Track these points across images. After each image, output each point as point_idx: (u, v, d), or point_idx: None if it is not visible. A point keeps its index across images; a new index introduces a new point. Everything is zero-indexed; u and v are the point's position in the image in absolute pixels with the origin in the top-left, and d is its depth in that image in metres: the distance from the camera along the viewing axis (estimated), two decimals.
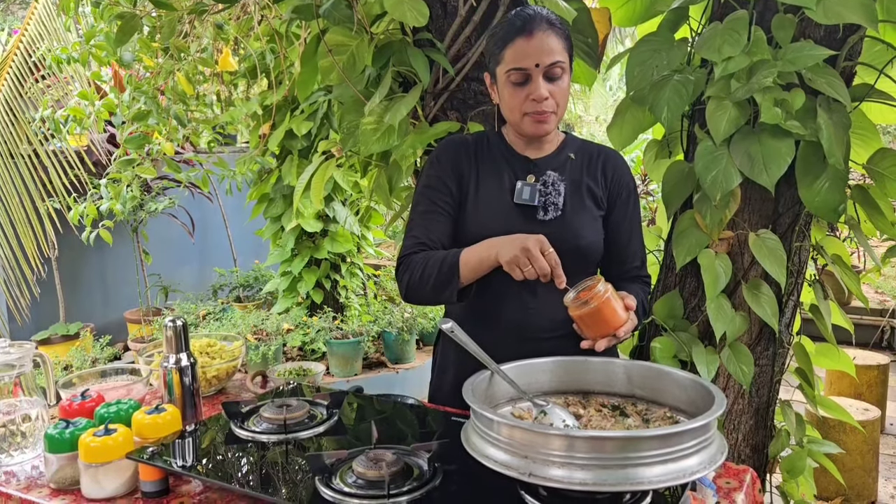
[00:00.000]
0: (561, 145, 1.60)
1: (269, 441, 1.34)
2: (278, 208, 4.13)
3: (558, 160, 1.58)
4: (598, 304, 1.30)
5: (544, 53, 1.42)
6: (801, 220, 1.96)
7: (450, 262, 1.42)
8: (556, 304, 1.50)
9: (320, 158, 2.34)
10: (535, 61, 1.42)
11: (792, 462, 2.10)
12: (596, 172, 1.58)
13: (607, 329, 1.32)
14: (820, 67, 1.75)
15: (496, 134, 1.64)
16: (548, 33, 1.42)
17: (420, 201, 1.58)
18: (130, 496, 1.26)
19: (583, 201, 1.55)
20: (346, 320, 4.15)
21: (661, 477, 0.93)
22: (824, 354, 2.21)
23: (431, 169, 1.60)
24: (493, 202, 1.54)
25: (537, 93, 1.43)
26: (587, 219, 1.54)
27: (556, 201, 1.51)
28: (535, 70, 1.43)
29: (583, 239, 1.52)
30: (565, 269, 1.49)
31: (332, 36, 1.97)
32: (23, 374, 1.48)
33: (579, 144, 1.63)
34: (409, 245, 1.54)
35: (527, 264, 1.30)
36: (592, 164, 1.59)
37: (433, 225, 1.54)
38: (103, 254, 4.88)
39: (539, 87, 1.43)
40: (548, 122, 1.48)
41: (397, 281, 1.55)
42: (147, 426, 1.34)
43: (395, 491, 1.10)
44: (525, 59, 1.42)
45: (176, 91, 3.03)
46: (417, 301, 1.55)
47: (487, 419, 1.03)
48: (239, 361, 1.84)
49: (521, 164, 1.57)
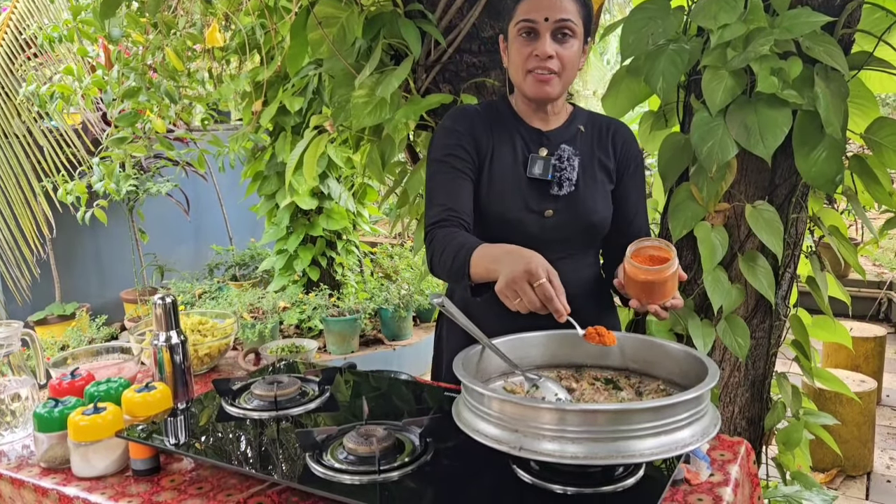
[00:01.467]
0: (570, 117, 1.57)
1: (261, 418, 1.33)
2: (272, 185, 4.10)
3: (569, 132, 1.54)
4: (670, 274, 1.22)
5: (555, 9, 1.38)
6: (798, 192, 1.94)
7: (462, 258, 1.34)
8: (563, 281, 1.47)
9: (312, 134, 2.31)
10: (546, 14, 1.38)
11: (788, 434, 2.10)
12: (606, 145, 1.55)
13: (661, 298, 1.23)
14: (818, 35, 1.71)
15: (504, 103, 1.59)
16: None
17: (439, 169, 1.51)
18: (121, 474, 1.25)
19: (595, 175, 1.52)
20: (343, 298, 4.14)
21: (654, 449, 0.92)
22: (821, 326, 2.20)
23: (448, 137, 1.52)
24: (507, 175, 1.50)
25: (542, 49, 1.39)
26: (600, 194, 1.51)
27: (570, 176, 1.48)
28: (544, 25, 1.39)
29: (595, 214, 1.50)
30: (575, 244, 1.51)
31: (321, 8, 1.93)
32: (11, 353, 1.46)
33: (588, 116, 1.59)
34: (436, 213, 1.47)
35: (516, 297, 1.19)
36: (602, 136, 1.55)
37: (459, 192, 1.48)
38: (99, 234, 4.86)
39: (545, 44, 1.39)
40: (550, 83, 1.43)
41: (426, 251, 1.49)
42: (137, 404, 1.33)
43: (385, 466, 1.09)
44: (535, 11, 1.39)
45: (166, 67, 2.99)
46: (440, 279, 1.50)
47: (478, 393, 1.02)
48: (231, 339, 1.82)
49: (532, 136, 1.53)
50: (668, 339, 1.93)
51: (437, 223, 1.46)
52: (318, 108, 3.42)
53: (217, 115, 4.51)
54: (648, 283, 1.23)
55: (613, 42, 6.48)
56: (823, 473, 3.05)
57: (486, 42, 2.05)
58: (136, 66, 2.79)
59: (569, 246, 1.51)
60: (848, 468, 3.09)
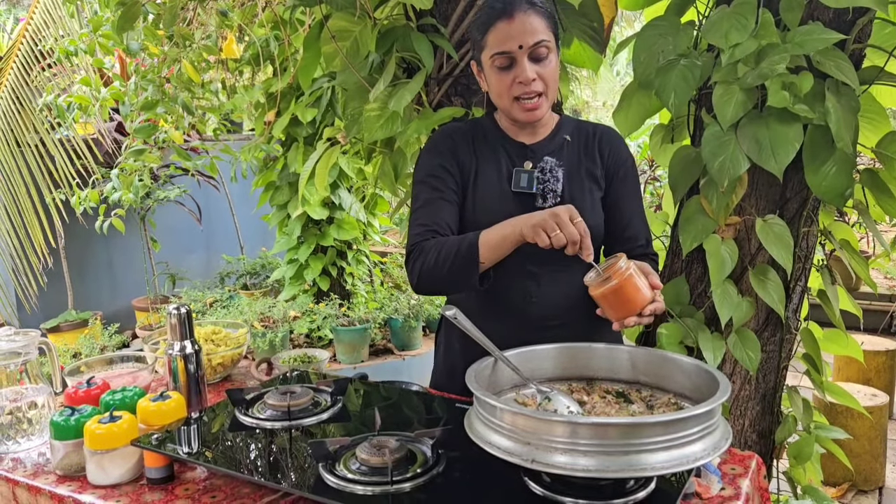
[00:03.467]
0: (556, 128, 1.57)
1: (273, 428, 1.34)
2: (284, 196, 4.13)
3: (554, 143, 1.54)
4: (620, 282, 1.22)
5: (527, 34, 1.38)
6: (809, 205, 1.94)
7: (469, 241, 1.36)
8: (558, 292, 1.49)
9: (325, 145, 2.33)
10: (519, 43, 1.38)
11: (799, 448, 2.10)
12: (594, 152, 1.54)
13: (631, 308, 1.23)
14: (829, 50, 1.72)
15: (489, 119, 1.61)
16: (529, 13, 1.38)
17: (422, 190, 1.52)
18: (136, 483, 1.26)
19: (582, 184, 1.51)
20: (353, 307, 4.15)
21: (665, 463, 0.93)
22: (832, 340, 2.19)
23: (431, 157, 1.55)
24: (491, 190, 1.51)
25: (524, 75, 1.39)
26: (588, 203, 1.51)
27: (554, 188, 1.48)
28: (520, 52, 1.39)
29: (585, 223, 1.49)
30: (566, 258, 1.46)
31: (335, 21, 1.96)
32: (28, 361, 1.48)
33: (575, 125, 1.59)
34: (418, 233, 1.48)
35: (555, 228, 1.24)
36: (589, 144, 1.55)
37: (440, 212, 1.49)
38: (111, 242, 4.90)
39: (525, 70, 1.39)
40: (539, 107, 1.44)
41: (407, 271, 1.49)
42: (152, 413, 1.35)
43: (398, 477, 1.10)
44: (508, 41, 1.39)
45: (182, 79, 3.03)
46: (430, 289, 1.50)
47: (490, 406, 1.03)
48: (244, 349, 1.84)
49: (517, 151, 1.53)
50: (679, 351, 1.93)
51: (419, 240, 1.47)
52: (330, 119, 3.44)
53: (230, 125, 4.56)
54: (609, 297, 1.24)
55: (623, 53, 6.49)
56: (835, 488, 3.03)
57: None
58: (154, 79, 2.83)
59: (560, 258, 1.46)
60: (860, 483, 3.07)
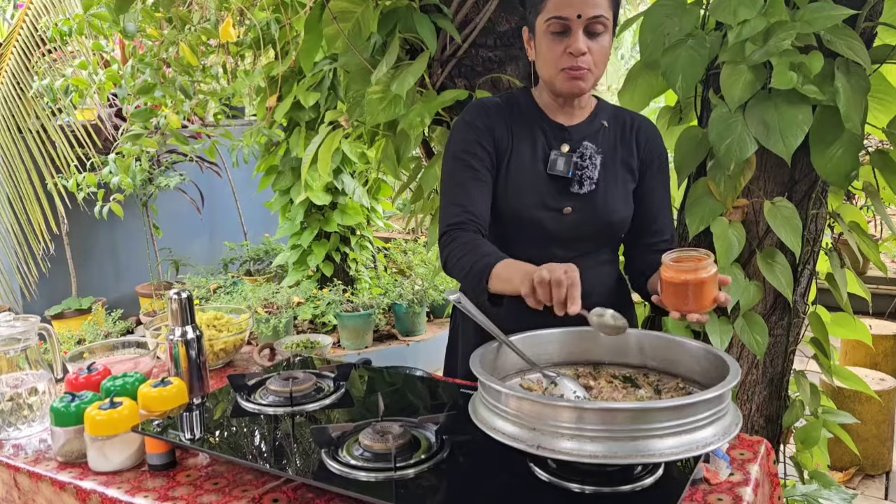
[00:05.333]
0: (594, 111, 1.52)
1: (276, 414, 1.33)
2: (287, 181, 4.10)
3: (592, 128, 1.50)
4: (709, 277, 1.17)
5: (588, 5, 1.33)
6: (818, 188, 1.91)
7: (482, 265, 1.33)
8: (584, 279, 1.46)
9: (327, 129, 2.31)
10: (578, 11, 1.33)
11: (806, 432, 2.08)
12: (630, 142, 1.51)
13: (703, 305, 1.18)
14: (839, 28, 1.69)
15: (526, 95, 1.54)
16: None
17: (456, 168, 1.47)
18: (137, 469, 1.25)
19: (617, 174, 1.48)
20: (357, 293, 4.14)
21: (674, 449, 0.91)
22: (840, 324, 2.17)
23: (467, 132, 1.49)
24: (525, 171, 1.47)
25: (575, 45, 1.35)
26: (620, 193, 1.48)
27: (591, 175, 1.45)
28: (577, 21, 1.34)
29: (615, 214, 1.47)
30: (592, 242, 1.48)
31: (336, 3, 1.93)
32: (28, 347, 1.47)
33: (612, 111, 1.55)
34: (453, 214, 1.44)
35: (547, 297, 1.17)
36: (626, 133, 1.51)
37: (475, 194, 1.45)
38: (114, 228, 4.88)
39: (578, 41, 1.34)
40: (584, 79, 1.39)
41: (440, 250, 1.47)
42: (153, 399, 1.34)
43: (402, 463, 1.08)
44: (567, 7, 1.34)
45: (181, 63, 2.99)
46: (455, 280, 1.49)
47: (495, 391, 1.01)
48: (246, 334, 1.83)
49: (554, 132, 1.49)
50: (685, 336, 1.91)
51: (454, 225, 1.44)
52: (333, 103, 3.41)
53: (231, 110, 4.52)
54: (684, 287, 1.17)
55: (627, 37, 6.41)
56: (842, 472, 3.02)
57: (502, 36, 2.04)
58: (151, 62, 2.80)
59: (586, 244, 1.49)
60: (867, 467, 3.05)
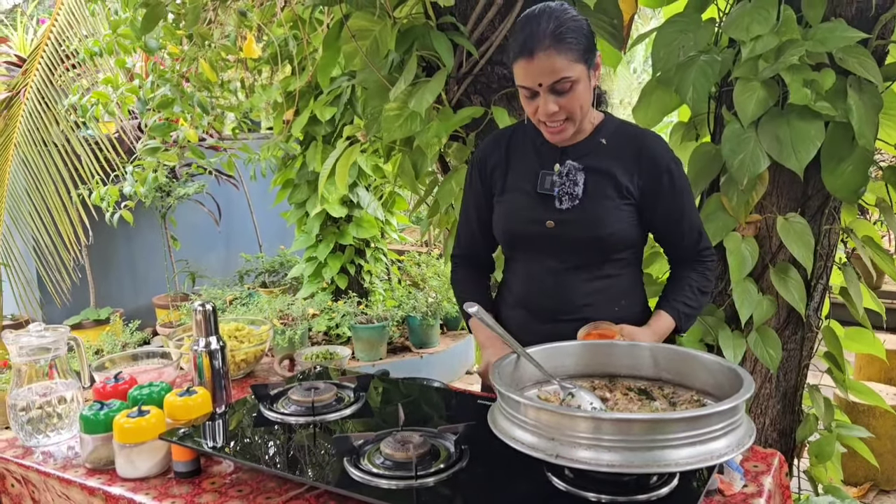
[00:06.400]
0: (595, 130, 1.55)
1: (298, 423, 1.36)
2: (303, 194, 4.16)
3: (588, 146, 1.54)
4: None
5: (545, 74, 1.38)
6: (831, 204, 1.93)
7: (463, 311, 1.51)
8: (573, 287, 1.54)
9: (345, 144, 2.35)
10: (539, 81, 1.40)
11: (820, 446, 2.09)
12: (627, 159, 1.51)
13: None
14: (851, 47, 1.71)
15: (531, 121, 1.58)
16: (550, 52, 1.37)
17: (463, 199, 1.73)
18: (164, 476, 1.29)
19: (604, 189, 1.50)
20: (371, 305, 4.18)
21: (689, 459, 0.93)
22: (854, 338, 2.18)
23: (470, 168, 1.69)
24: (519, 190, 1.57)
25: (543, 109, 1.42)
26: (608, 208, 1.50)
27: (571, 191, 1.50)
28: (541, 88, 1.41)
29: (603, 229, 1.49)
30: (586, 258, 1.54)
31: (355, 21, 1.97)
32: (58, 357, 1.51)
33: (615, 128, 1.56)
34: (457, 245, 1.75)
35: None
36: (625, 150, 1.52)
37: (467, 229, 1.71)
38: (133, 240, 4.95)
39: (546, 104, 1.41)
40: (563, 130, 1.46)
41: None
42: (179, 408, 1.37)
43: (422, 472, 1.11)
44: (528, 78, 1.41)
45: (200, 78, 3.05)
46: None
47: (514, 402, 1.03)
48: (266, 345, 1.86)
49: (549, 154, 1.55)
50: (699, 349, 1.93)
51: (454, 256, 1.76)
52: (349, 118, 3.46)
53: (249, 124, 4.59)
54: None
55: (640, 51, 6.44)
56: (857, 487, 3.00)
57: None
58: (171, 78, 2.86)
59: (576, 257, 1.53)
60: (881, 482, 3.04)
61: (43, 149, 4.22)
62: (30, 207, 4.25)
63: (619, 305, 1.54)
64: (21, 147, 4.19)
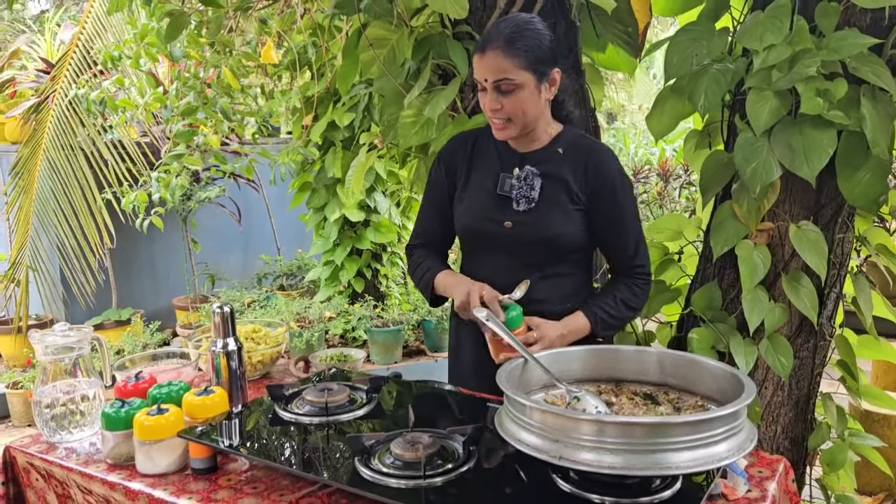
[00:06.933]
0: (553, 139, 1.67)
1: (312, 423, 1.40)
2: (321, 199, 4.20)
3: (545, 154, 1.66)
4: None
5: (490, 71, 1.52)
6: (845, 212, 1.93)
7: (427, 280, 1.73)
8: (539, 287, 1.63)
9: (364, 150, 2.39)
10: (485, 76, 1.54)
11: (832, 455, 2.08)
12: (578, 169, 1.64)
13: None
14: (865, 56, 1.72)
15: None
16: (497, 53, 1.51)
17: (424, 194, 1.84)
18: (181, 472, 1.33)
19: (558, 195, 1.63)
20: (387, 309, 4.21)
21: (690, 462, 0.95)
22: (868, 346, 2.17)
23: (436, 164, 1.80)
24: (478, 192, 1.70)
25: (487, 104, 1.57)
26: (559, 212, 1.62)
27: (528, 194, 1.62)
28: (486, 84, 1.55)
29: (552, 230, 1.62)
30: (540, 258, 1.66)
31: (372, 30, 2.01)
32: (81, 356, 1.56)
33: (573, 139, 1.68)
34: (413, 236, 1.86)
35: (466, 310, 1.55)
36: (578, 160, 1.64)
37: (427, 221, 1.83)
38: (154, 242, 5.04)
39: (490, 100, 1.56)
40: (504, 129, 1.59)
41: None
42: (197, 407, 1.41)
43: (430, 472, 1.14)
44: (477, 72, 1.56)
45: (221, 85, 3.12)
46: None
47: (520, 404, 1.06)
48: (283, 347, 1.90)
49: (510, 158, 1.68)
50: (710, 356, 1.94)
51: (410, 246, 1.86)
52: (367, 124, 3.50)
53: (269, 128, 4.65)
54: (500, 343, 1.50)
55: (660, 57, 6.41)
56: (871, 497, 2.98)
57: None
58: (194, 85, 2.93)
59: (530, 256, 1.65)
60: None
61: (70, 153, 4.31)
62: (56, 210, 4.35)
63: (569, 303, 1.66)
64: (49, 151, 4.29)
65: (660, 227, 2.26)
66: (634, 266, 1.70)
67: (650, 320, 2.31)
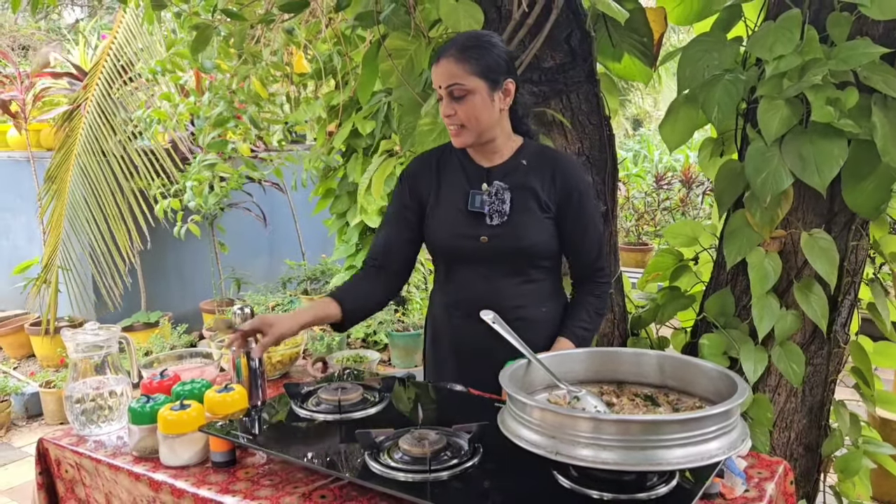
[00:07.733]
0: (516, 152, 1.72)
1: (326, 420, 1.45)
2: (343, 204, 4.28)
3: (510, 166, 1.71)
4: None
5: (443, 78, 1.60)
6: (859, 219, 1.94)
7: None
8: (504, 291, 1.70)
9: (381, 157, 2.46)
10: (439, 82, 1.61)
11: (846, 462, 2.09)
12: (544, 178, 1.69)
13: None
14: (876, 65, 1.73)
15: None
16: (450, 60, 1.58)
17: (387, 213, 1.85)
18: (202, 465, 1.39)
19: (527, 204, 1.68)
20: (408, 313, 4.28)
21: (682, 459, 0.99)
22: (884, 353, 2.18)
23: (400, 182, 1.83)
24: (449, 210, 1.73)
25: (442, 110, 1.64)
26: (530, 221, 1.68)
27: (500, 209, 1.67)
28: (442, 90, 1.62)
29: (525, 240, 1.67)
30: (513, 264, 1.71)
31: (391, 41, 2.07)
32: (110, 354, 1.64)
33: (536, 151, 1.74)
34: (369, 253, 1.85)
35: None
36: (543, 169, 1.70)
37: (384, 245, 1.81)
38: (182, 246, 5.15)
39: (444, 106, 1.63)
40: (459, 135, 1.64)
41: None
42: (217, 403, 1.48)
43: (436, 467, 1.19)
44: (434, 81, 1.63)
45: (250, 94, 3.22)
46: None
47: (521, 403, 1.11)
48: (301, 348, 1.97)
49: (476, 174, 1.73)
50: (722, 362, 1.96)
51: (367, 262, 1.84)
52: (387, 132, 3.58)
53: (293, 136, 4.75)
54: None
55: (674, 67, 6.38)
56: None
57: (547, 72, 2.15)
58: (225, 96, 3.02)
59: (505, 266, 1.70)
60: None
61: (101, 158, 4.45)
62: (87, 215, 4.48)
63: (545, 306, 1.74)
64: (81, 157, 4.44)
65: (675, 232, 2.28)
66: (597, 269, 1.77)
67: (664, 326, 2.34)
